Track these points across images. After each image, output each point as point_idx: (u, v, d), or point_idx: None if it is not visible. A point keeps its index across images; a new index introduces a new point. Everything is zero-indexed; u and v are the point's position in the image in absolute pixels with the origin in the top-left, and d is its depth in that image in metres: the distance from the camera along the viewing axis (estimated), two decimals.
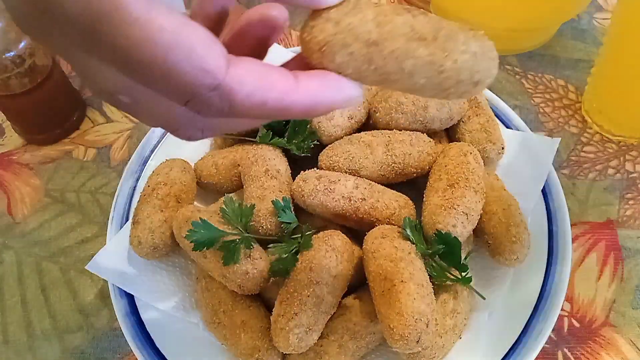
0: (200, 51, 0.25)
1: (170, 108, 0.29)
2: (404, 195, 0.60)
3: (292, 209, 0.58)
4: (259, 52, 0.34)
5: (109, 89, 0.28)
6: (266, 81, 0.27)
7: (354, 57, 0.29)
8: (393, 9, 0.29)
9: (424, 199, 0.57)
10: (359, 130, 0.65)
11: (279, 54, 0.53)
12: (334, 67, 0.29)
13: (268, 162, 0.60)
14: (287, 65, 0.32)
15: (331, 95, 0.29)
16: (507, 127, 0.69)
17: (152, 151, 0.70)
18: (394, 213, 0.57)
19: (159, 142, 0.71)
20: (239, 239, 0.54)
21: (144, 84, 0.26)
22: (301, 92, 0.28)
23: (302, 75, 0.28)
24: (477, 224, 0.55)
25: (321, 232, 0.56)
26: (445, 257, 0.54)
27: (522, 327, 0.55)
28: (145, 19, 0.24)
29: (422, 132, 0.63)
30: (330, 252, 0.53)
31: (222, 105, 0.26)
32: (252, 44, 0.33)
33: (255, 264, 0.53)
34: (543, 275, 0.57)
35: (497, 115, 0.69)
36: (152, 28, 0.24)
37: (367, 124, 0.67)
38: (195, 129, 0.30)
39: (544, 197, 0.62)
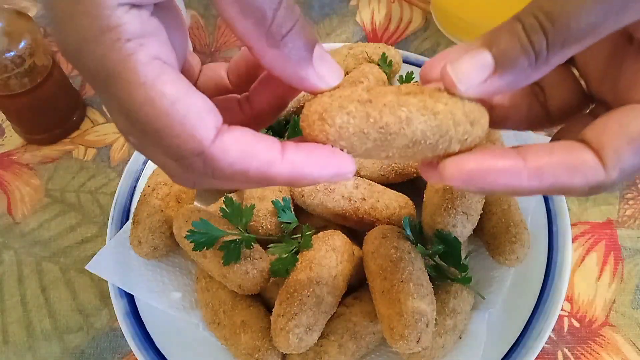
0: (192, 119, 0.27)
1: (168, 160, 0.31)
2: (404, 195, 0.60)
3: (292, 209, 0.58)
4: (278, 103, 0.36)
5: (121, 129, 0.31)
6: (250, 152, 0.28)
7: (352, 115, 0.29)
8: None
9: (424, 199, 0.57)
10: None
11: None
12: (335, 131, 0.29)
13: None
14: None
15: (315, 171, 0.29)
16: None
17: None
18: (394, 213, 0.57)
19: None
20: (239, 239, 0.54)
21: (139, 136, 0.29)
22: (284, 164, 0.29)
23: (290, 146, 0.29)
24: (477, 224, 0.55)
25: (321, 232, 0.56)
26: (445, 257, 0.54)
27: (522, 327, 0.55)
28: (151, 84, 0.27)
29: None
30: (330, 252, 0.53)
31: (206, 170, 0.29)
32: (271, 96, 0.36)
33: (255, 264, 0.53)
34: (543, 275, 0.57)
35: None
36: (155, 93, 0.27)
37: None
38: (188, 181, 0.33)
39: (544, 197, 0.62)
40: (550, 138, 0.37)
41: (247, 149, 0.29)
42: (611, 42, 0.35)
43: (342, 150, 0.30)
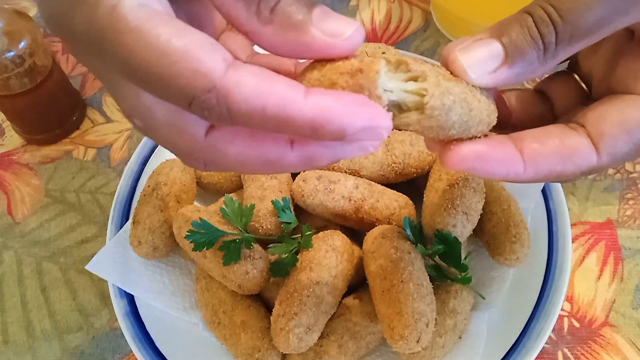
0: (195, 54, 0.25)
1: (177, 137, 0.29)
2: (404, 195, 0.60)
3: (292, 209, 0.58)
4: None
5: (126, 110, 0.29)
6: (268, 86, 0.25)
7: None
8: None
9: (424, 199, 0.57)
10: None
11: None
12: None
13: None
14: None
15: (344, 117, 0.25)
16: None
17: (152, 151, 0.70)
18: (394, 213, 0.57)
19: None
20: (239, 239, 0.54)
21: (148, 90, 0.27)
22: (308, 104, 0.25)
23: (316, 90, 0.26)
24: (477, 224, 0.55)
25: (321, 232, 0.56)
26: (445, 257, 0.54)
27: (522, 327, 0.55)
28: (142, 28, 0.25)
29: None
30: (330, 252, 0.53)
31: (220, 108, 0.26)
32: None
33: (255, 264, 0.53)
34: (543, 275, 0.57)
35: None
36: (147, 35, 0.25)
37: None
38: (198, 161, 0.30)
39: (544, 197, 0.62)
40: None
41: (263, 82, 0.25)
42: (614, 44, 0.35)
43: None
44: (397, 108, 0.29)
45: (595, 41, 0.31)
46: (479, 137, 0.32)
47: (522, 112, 0.39)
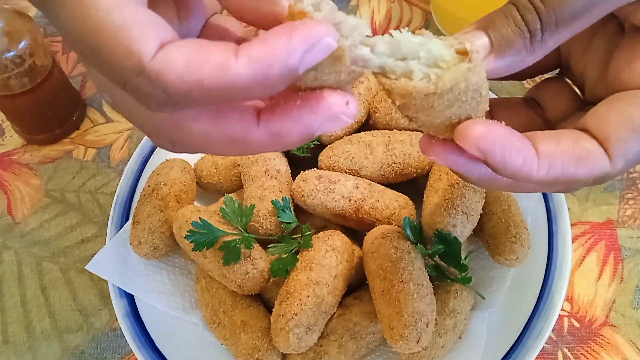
0: (129, 31, 0.23)
1: (142, 113, 0.28)
2: (404, 195, 0.60)
3: (292, 209, 0.58)
4: None
5: (97, 85, 0.29)
6: (198, 58, 0.23)
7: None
8: None
9: (424, 199, 0.57)
10: (359, 130, 0.65)
11: None
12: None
13: (268, 162, 0.60)
14: None
15: (280, 49, 0.23)
16: None
17: (152, 151, 0.70)
18: (394, 213, 0.57)
19: None
20: (239, 239, 0.54)
21: (85, 62, 0.26)
22: (241, 62, 0.23)
23: (243, 45, 0.24)
24: (477, 224, 0.55)
25: (321, 232, 0.56)
26: (445, 257, 0.54)
27: (522, 327, 0.55)
28: None
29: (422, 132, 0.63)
30: (330, 252, 0.53)
31: (155, 92, 0.24)
32: None
33: (255, 264, 0.53)
34: (543, 275, 0.57)
35: None
36: (87, 6, 0.23)
37: (367, 124, 0.67)
38: (164, 139, 0.29)
39: (544, 197, 0.62)
40: None
41: (194, 55, 0.23)
42: (605, 41, 0.35)
43: None
44: (435, 67, 0.28)
45: (585, 26, 0.31)
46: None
47: (509, 120, 0.39)
